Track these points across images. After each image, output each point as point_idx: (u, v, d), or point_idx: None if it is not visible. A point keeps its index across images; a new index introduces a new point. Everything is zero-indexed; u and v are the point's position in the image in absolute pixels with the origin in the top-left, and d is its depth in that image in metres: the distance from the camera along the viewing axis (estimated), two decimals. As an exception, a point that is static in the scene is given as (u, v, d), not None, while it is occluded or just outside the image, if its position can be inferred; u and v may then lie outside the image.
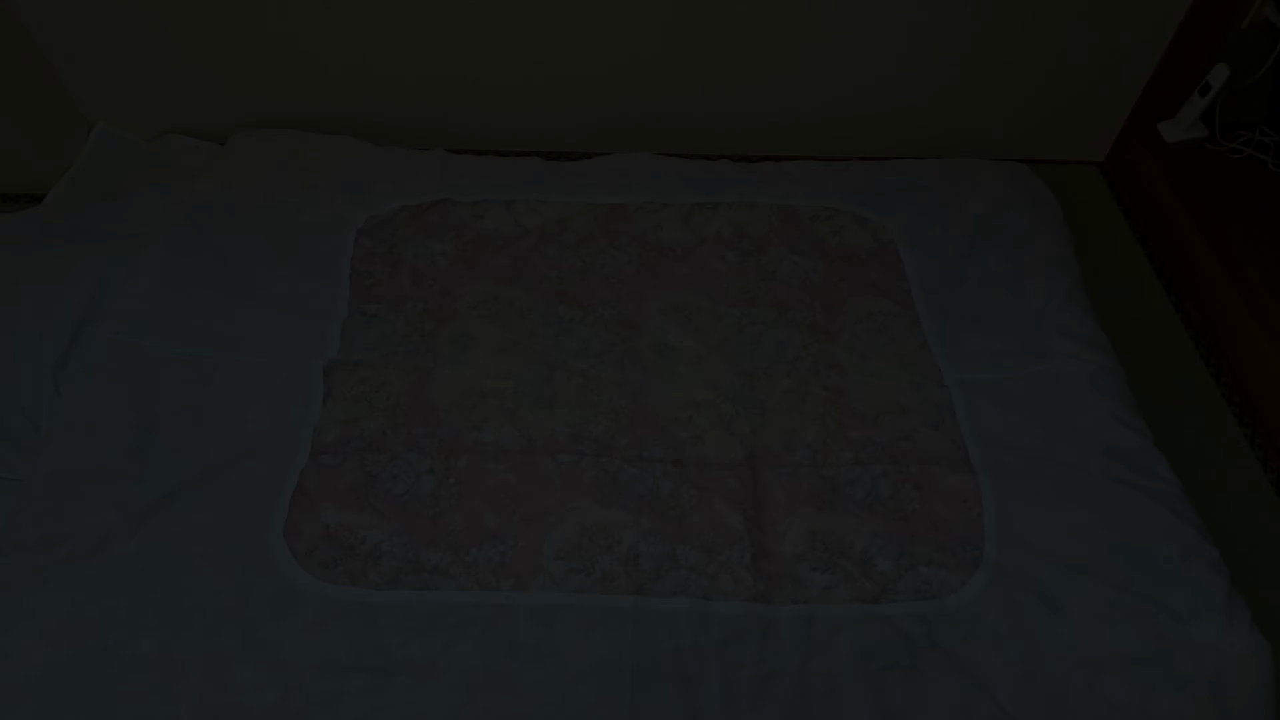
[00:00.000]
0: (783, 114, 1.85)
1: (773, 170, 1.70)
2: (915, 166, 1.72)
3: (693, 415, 1.31)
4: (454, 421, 1.26)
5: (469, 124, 1.83)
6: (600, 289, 1.47)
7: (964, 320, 1.46)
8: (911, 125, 1.89)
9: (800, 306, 1.47)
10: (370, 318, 1.39)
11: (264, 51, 1.66)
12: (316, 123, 1.77)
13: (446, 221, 1.54)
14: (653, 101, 1.80)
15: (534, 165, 1.66)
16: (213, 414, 1.23)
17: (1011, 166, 1.74)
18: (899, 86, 1.80)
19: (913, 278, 1.53)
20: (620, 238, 1.55)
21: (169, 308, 1.33)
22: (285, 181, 1.55)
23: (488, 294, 1.44)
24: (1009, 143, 1.93)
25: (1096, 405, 1.33)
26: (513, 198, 1.58)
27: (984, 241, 1.58)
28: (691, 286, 1.49)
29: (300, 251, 1.45)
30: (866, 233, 1.60)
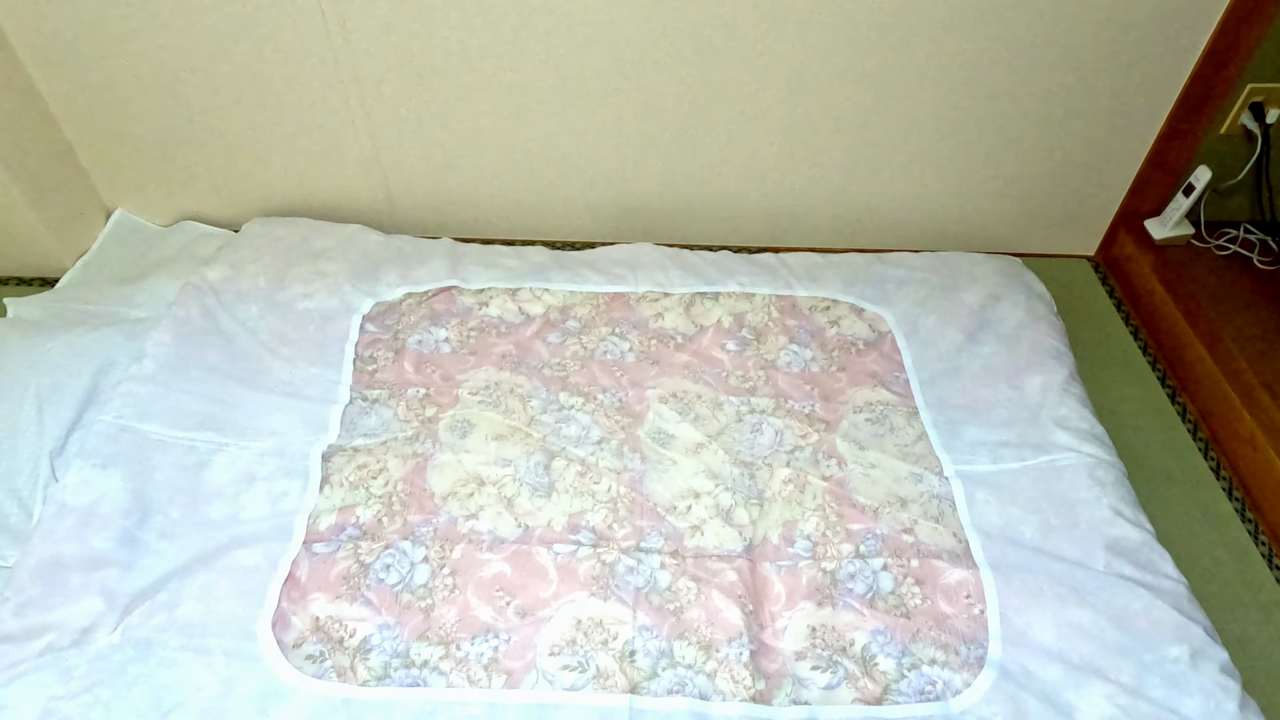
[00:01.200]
0: (782, 208, 1.91)
1: (772, 261, 1.74)
2: (911, 259, 1.77)
3: (691, 505, 1.30)
4: (451, 509, 1.25)
5: (477, 214, 1.88)
6: (601, 376, 1.49)
7: (962, 411, 1.47)
8: (907, 220, 1.94)
9: (799, 396, 1.48)
10: (372, 403, 1.40)
11: (279, 144, 1.73)
12: (329, 211, 1.83)
13: (451, 308, 1.57)
14: (656, 195, 1.86)
15: (539, 254, 1.70)
16: (208, 500, 1.23)
17: (1005, 260, 1.78)
18: (895, 185, 1.87)
19: (910, 368, 1.55)
20: (622, 325, 1.58)
21: (171, 392, 1.34)
22: (295, 268, 1.59)
23: (489, 380, 1.46)
24: (1002, 237, 1.99)
25: (1097, 499, 1.32)
26: (517, 285, 1.62)
27: (980, 333, 1.61)
28: (691, 375, 1.50)
29: (306, 337, 1.48)
30: (864, 323, 1.62)
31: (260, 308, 1.50)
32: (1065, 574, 1.22)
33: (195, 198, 1.82)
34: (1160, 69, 1.68)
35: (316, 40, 1.56)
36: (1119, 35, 1.62)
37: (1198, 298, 1.75)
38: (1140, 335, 1.84)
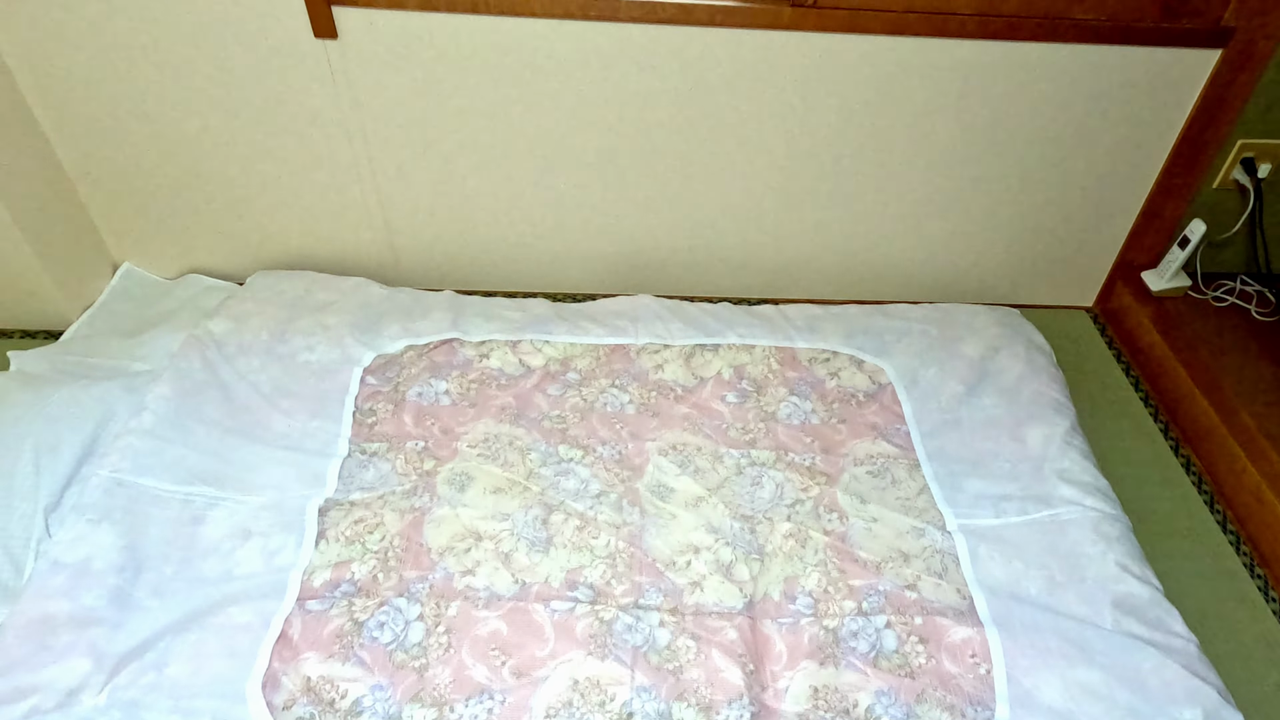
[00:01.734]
0: (781, 261, 1.92)
1: (771, 313, 1.75)
2: (910, 311, 1.77)
3: (691, 560, 1.28)
4: (447, 565, 1.24)
5: (479, 267, 1.90)
6: (601, 428, 1.48)
7: (964, 464, 1.46)
8: (906, 272, 1.96)
9: (800, 448, 1.47)
10: (370, 456, 1.40)
11: (286, 199, 1.76)
12: (334, 264, 1.85)
13: (452, 360, 1.57)
14: (656, 248, 1.88)
15: (541, 306, 1.71)
16: (203, 556, 1.21)
17: (1004, 311, 1.79)
18: (893, 237, 1.89)
19: (911, 420, 1.54)
20: (622, 377, 1.58)
21: (170, 445, 1.34)
22: (297, 321, 1.60)
23: (488, 433, 1.45)
24: (1000, 289, 2.00)
25: (1103, 554, 1.30)
26: (518, 337, 1.62)
27: (980, 385, 1.60)
28: (691, 427, 1.50)
29: (306, 390, 1.48)
30: (864, 375, 1.62)
31: (262, 360, 1.51)
32: (1073, 632, 1.20)
33: (202, 251, 1.84)
34: (1152, 125, 1.72)
35: (325, 100, 1.60)
36: (1112, 93, 1.66)
37: (1197, 349, 1.75)
38: (1141, 386, 1.84)
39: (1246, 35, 1.58)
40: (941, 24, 1.55)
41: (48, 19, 1.47)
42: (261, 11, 1.48)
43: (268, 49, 1.53)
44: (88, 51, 1.51)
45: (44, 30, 1.48)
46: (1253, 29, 1.57)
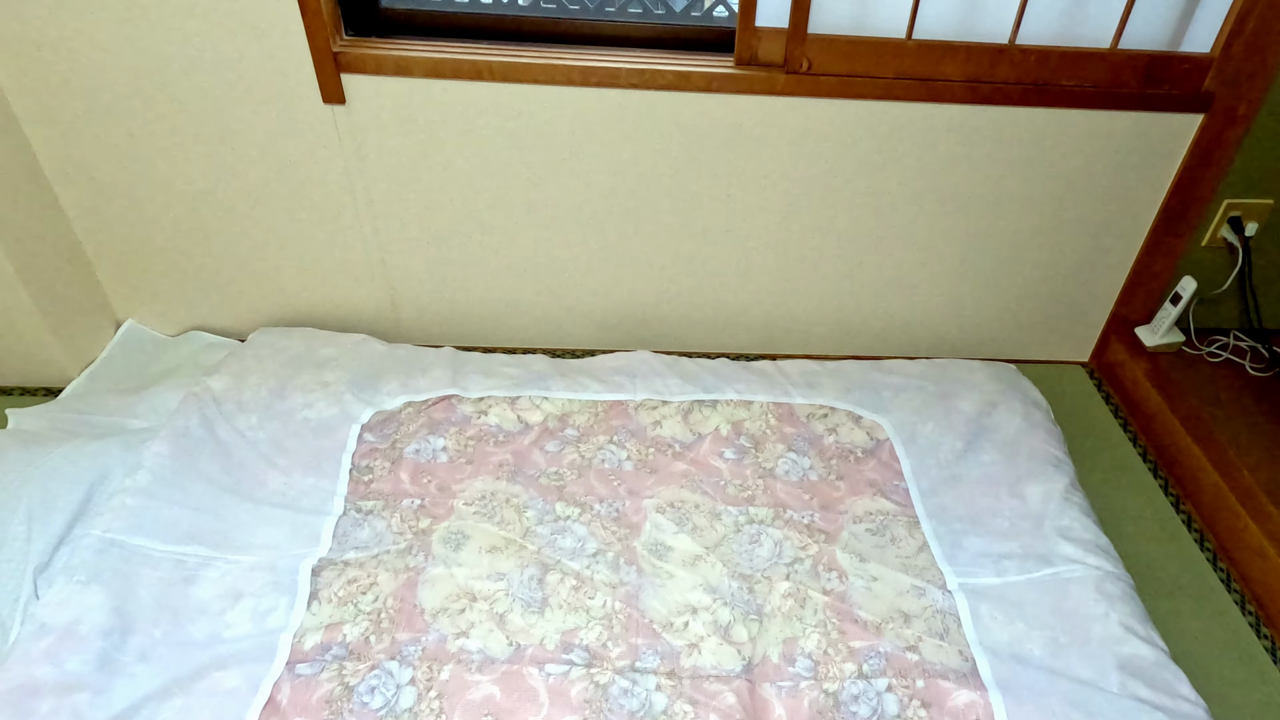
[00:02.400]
0: (778, 317, 1.94)
1: (769, 369, 1.76)
2: (907, 366, 1.78)
3: (689, 621, 1.27)
4: (441, 627, 1.22)
5: (480, 323, 1.92)
6: (598, 485, 1.48)
7: (963, 521, 1.45)
8: (902, 328, 1.98)
9: (798, 505, 1.46)
10: (365, 514, 1.39)
11: (290, 257, 1.79)
12: (336, 321, 1.87)
13: (451, 417, 1.57)
14: (655, 305, 1.90)
15: (540, 363, 1.72)
16: (192, 618, 1.20)
17: (1001, 367, 1.80)
18: (889, 293, 1.91)
19: (909, 476, 1.54)
20: (620, 433, 1.58)
21: (164, 504, 1.33)
22: (297, 377, 1.60)
23: (485, 490, 1.44)
24: (996, 344, 2.01)
25: (1106, 614, 1.28)
26: (517, 394, 1.63)
27: (978, 441, 1.60)
28: (689, 484, 1.49)
29: (303, 447, 1.48)
30: (862, 430, 1.62)
31: (260, 417, 1.51)
32: (1078, 696, 1.18)
33: (204, 308, 1.86)
34: (1139, 186, 1.75)
35: (332, 163, 1.64)
36: (1099, 155, 1.70)
37: (1194, 405, 1.75)
38: (1139, 442, 1.84)
39: (1226, 101, 1.63)
40: (932, 90, 1.59)
41: (57, 77, 1.51)
42: (273, 78, 1.53)
43: (278, 113, 1.57)
44: (98, 110, 1.56)
45: (54, 87, 1.53)
46: (1232, 95, 1.62)
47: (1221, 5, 1.56)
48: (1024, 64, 1.59)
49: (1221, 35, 1.59)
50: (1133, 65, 1.60)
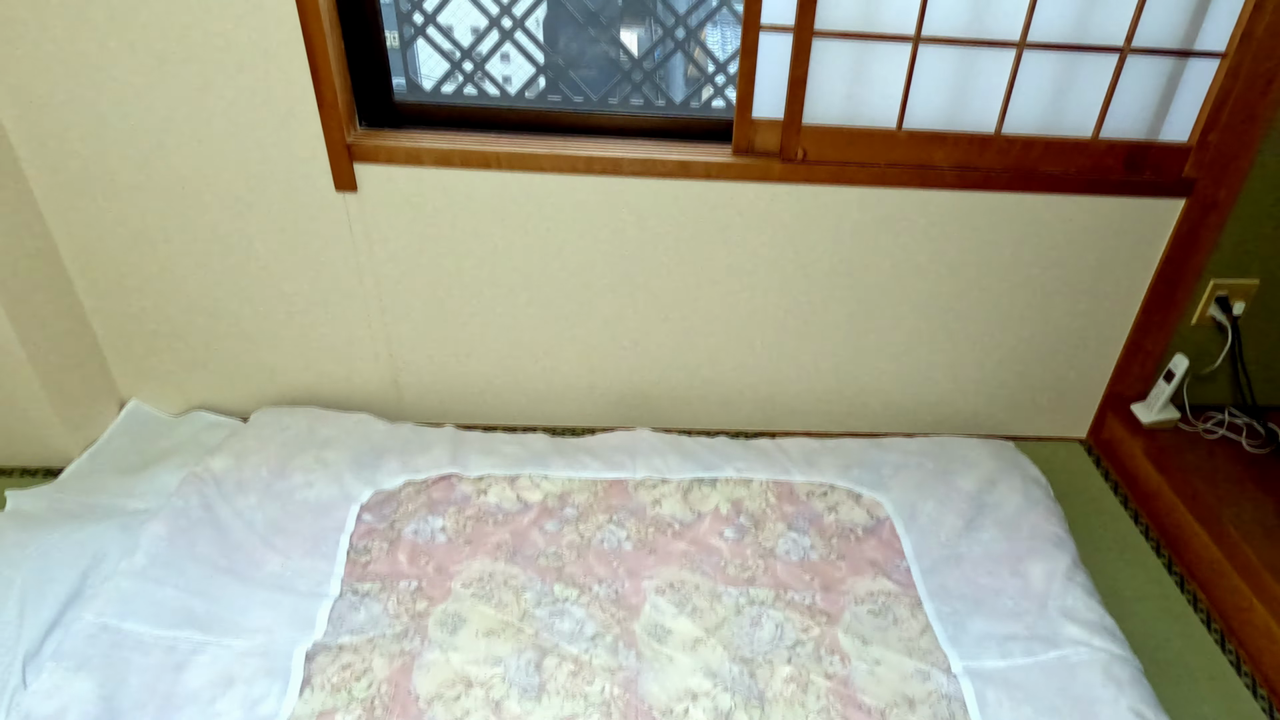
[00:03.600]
0: (777, 394, 1.96)
1: (769, 446, 1.76)
2: (906, 444, 1.79)
3: (689, 708, 1.24)
4: (435, 715, 1.19)
5: (482, 401, 1.93)
6: (597, 566, 1.47)
7: (966, 602, 1.44)
8: (900, 405, 1.99)
9: (800, 586, 1.45)
10: (362, 597, 1.38)
11: (296, 336, 1.81)
12: (339, 399, 1.89)
13: (450, 496, 1.57)
14: (655, 382, 1.92)
15: (540, 441, 1.73)
16: (181, 707, 1.17)
17: (999, 444, 1.81)
18: (886, 370, 1.93)
19: (911, 556, 1.53)
20: (619, 513, 1.57)
21: (159, 586, 1.32)
22: (297, 457, 1.61)
23: (484, 571, 1.43)
24: (994, 420, 2.03)
25: (1115, 699, 1.26)
26: (517, 472, 1.63)
27: (978, 519, 1.60)
28: (689, 564, 1.48)
29: (302, 528, 1.47)
30: (862, 509, 1.62)
31: (259, 497, 1.51)
32: (1090, 788, 1.14)
33: (209, 387, 1.88)
34: (1127, 267, 1.80)
35: (342, 247, 1.69)
36: (1086, 237, 1.75)
37: (1193, 482, 1.75)
38: (1140, 519, 1.83)
39: (1206, 186, 1.68)
40: (922, 176, 1.65)
41: (78, 163, 1.57)
42: (288, 168, 1.58)
43: (291, 201, 1.62)
44: (117, 195, 1.60)
45: (75, 172, 1.58)
46: (1211, 181, 1.68)
47: (1196, 97, 1.63)
48: (1010, 152, 1.65)
49: (1198, 126, 1.65)
50: (1114, 153, 1.66)
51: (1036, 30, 1.55)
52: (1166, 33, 1.57)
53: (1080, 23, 1.55)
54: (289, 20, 1.43)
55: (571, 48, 1.74)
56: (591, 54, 1.74)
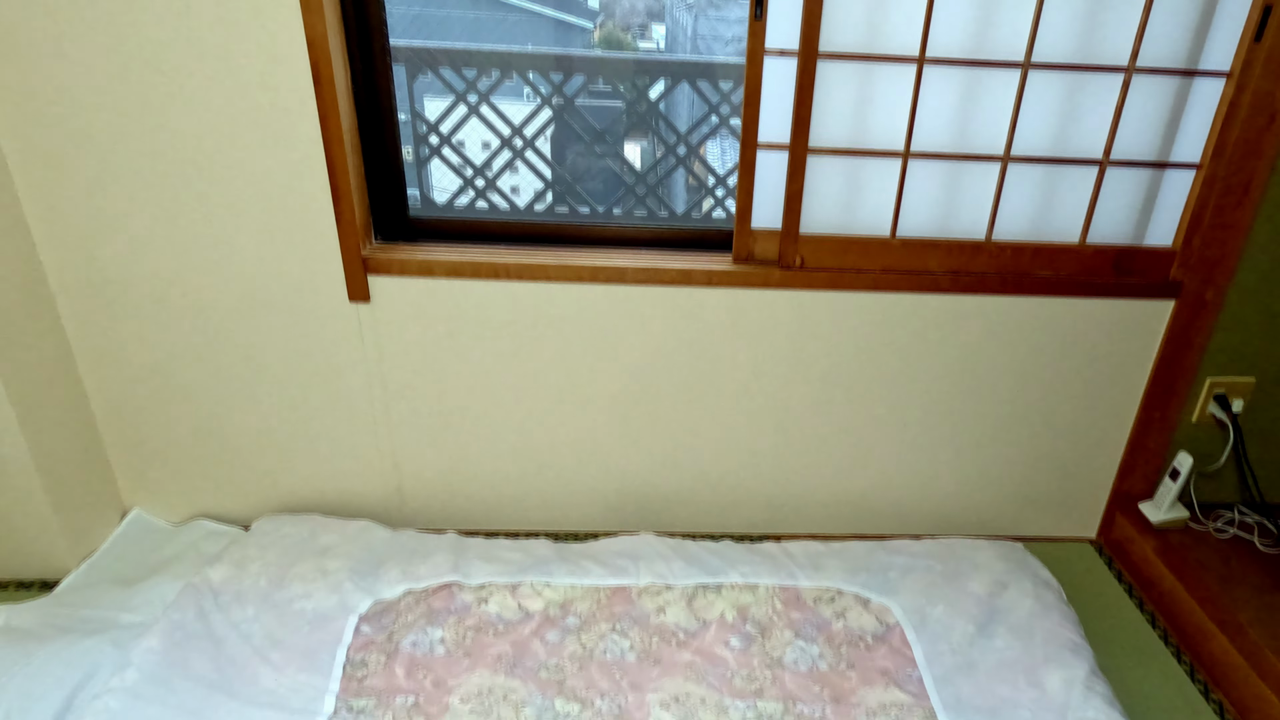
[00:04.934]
0: (781, 496, 1.95)
1: (774, 550, 1.74)
2: (913, 546, 1.77)
3: (698, 835, 1.18)
4: (433, 846, 1.14)
5: (484, 507, 1.92)
6: (599, 679, 1.43)
7: (981, 713, 1.39)
8: (906, 505, 1.98)
9: (809, 698, 1.41)
10: (357, 714, 1.33)
11: (302, 444, 1.82)
12: (341, 505, 1.88)
13: (450, 605, 1.54)
14: (658, 485, 1.92)
15: (542, 547, 1.71)
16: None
17: (1008, 545, 1.79)
18: (890, 471, 1.93)
19: (923, 664, 1.49)
20: (622, 621, 1.54)
21: (149, 705, 1.28)
22: (297, 566, 1.59)
23: (482, 685, 1.39)
24: (1001, 521, 2.00)
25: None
26: (518, 580, 1.61)
27: (990, 624, 1.56)
28: (695, 675, 1.44)
29: (299, 640, 1.44)
30: (871, 615, 1.59)
31: (257, 609, 1.48)
32: None
33: (212, 495, 1.87)
34: (1122, 366, 1.82)
35: (352, 356, 1.72)
36: (1080, 338, 1.78)
37: (1208, 584, 1.72)
38: (1157, 624, 1.78)
39: (1194, 288, 1.73)
40: (917, 281, 1.70)
41: (98, 274, 1.61)
42: (304, 280, 1.63)
43: (304, 311, 1.66)
44: (135, 302, 1.64)
45: (95, 282, 1.62)
46: (1199, 282, 1.72)
47: (1176, 204, 1.70)
48: (1001, 257, 1.70)
49: (1180, 231, 1.71)
50: (1101, 257, 1.72)
51: (1020, 144, 1.63)
52: (1143, 146, 1.65)
53: (1061, 136, 1.63)
54: (313, 144, 1.50)
55: (578, 163, 1.83)
56: (597, 168, 1.82)
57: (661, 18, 2.69)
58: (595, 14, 2.61)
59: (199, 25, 1.41)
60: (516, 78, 1.73)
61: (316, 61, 1.44)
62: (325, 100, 1.47)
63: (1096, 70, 1.57)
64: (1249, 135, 1.60)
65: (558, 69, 1.72)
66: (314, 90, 1.46)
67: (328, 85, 1.46)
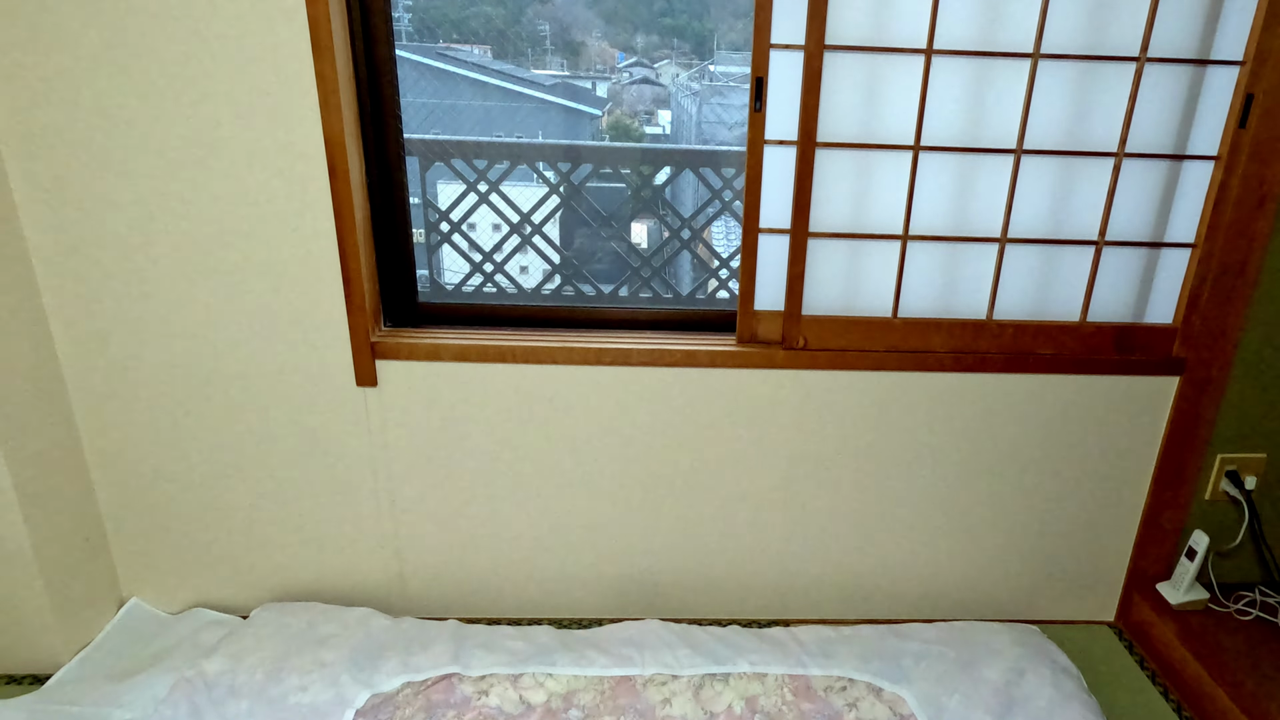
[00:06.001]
0: (790, 580, 1.91)
1: (783, 636, 1.70)
2: (925, 631, 1.72)
3: None
4: None
5: (486, 593, 1.88)
6: (606, 776, 1.37)
7: (1007, 815, 1.33)
8: (917, 589, 1.93)
9: (824, 797, 1.35)
10: (354, 817, 1.28)
11: (305, 532, 1.80)
12: (343, 592, 1.84)
13: (450, 699, 1.50)
14: (663, 570, 1.88)
15: (544, 635, 1.67)
16: None
17: (1023, 629, 1.74)
18: (900, 553, 1.89)
19: (942, 759, 1.43)
20: (627, 714, 1.49)
21: (141, 808, 1.24)
22: (294, 657, 1.55)
23: (485, 784, 1.34)
24: (1015, 604, 1.96)
25: None
26: (520, 670, 1.56)
27: (1009, 714, 1.51)
28: (704, 773, 1.38)
29: (294, 738, 1.40)
30: (884, 705, 1.53)
31: (252, 703, 1.44)
32: None
33: (212, 583, 1.84)
34: (1131, 443, 1.81)
35: (357, 440, 1.72)
36: (1087, 415, 1.78)
37: (1234, 669, 1.66)
38: (1183, 712, 1.72)
39: (1198, 364, 1.73)
40: (920, 360, 1.71)
41: (114, 361, 1.63)
42: (313, 365, 1.65)
43: (311, 397, 1.67)
44: (149, 395, 1.65)
45: (108, 370, 1.63)
46: (1202, 359, 1.73)
47: (1174, 282, 1.72)
48: (1002, 336, 1.72)
49: (1179, 308, 1.72)
50: (1102, 335, 1.73)
51: (1016, 226, 1.66)
52: (1138, 226, 1.68)
53: (1057, 217, 1.66)
54: (328, 235, 1.54)
55: (585, 246, 1.87)
56: (603, 250, 1.86)
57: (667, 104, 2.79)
58: (604, 101, 2.71)
59: (220, 124, 1.46)
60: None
61: (333, 158, 1.49)
62: (340, 194, 1.51)
63: (1089, 155, 1.61)
64: (1241, 217, 1.63)
65: (566, 158, 1.78)
66: (329, 184, 1.50)
67: (343, 179, 1.50)
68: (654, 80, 2.70)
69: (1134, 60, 1.55)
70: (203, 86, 1.44)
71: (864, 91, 1.56)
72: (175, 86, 1.44)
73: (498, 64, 2.54)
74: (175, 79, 1.44)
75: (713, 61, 2.54)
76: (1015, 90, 1.57)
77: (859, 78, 1.55)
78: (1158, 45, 1.55)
